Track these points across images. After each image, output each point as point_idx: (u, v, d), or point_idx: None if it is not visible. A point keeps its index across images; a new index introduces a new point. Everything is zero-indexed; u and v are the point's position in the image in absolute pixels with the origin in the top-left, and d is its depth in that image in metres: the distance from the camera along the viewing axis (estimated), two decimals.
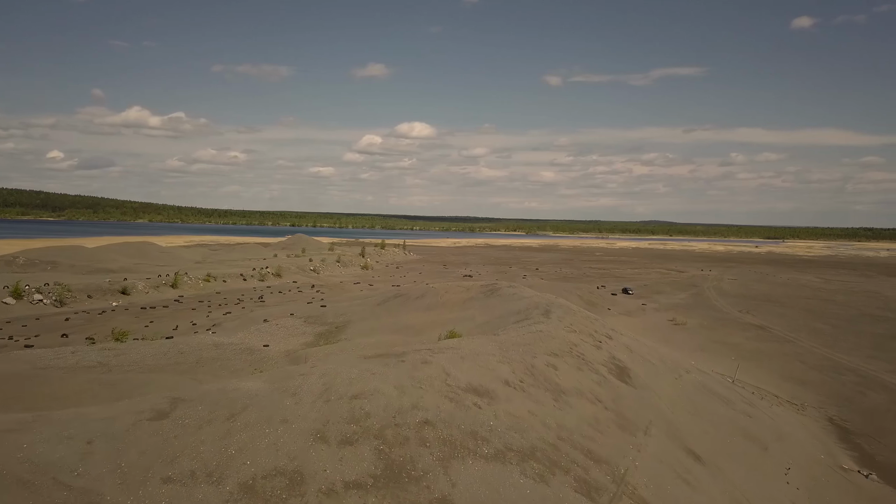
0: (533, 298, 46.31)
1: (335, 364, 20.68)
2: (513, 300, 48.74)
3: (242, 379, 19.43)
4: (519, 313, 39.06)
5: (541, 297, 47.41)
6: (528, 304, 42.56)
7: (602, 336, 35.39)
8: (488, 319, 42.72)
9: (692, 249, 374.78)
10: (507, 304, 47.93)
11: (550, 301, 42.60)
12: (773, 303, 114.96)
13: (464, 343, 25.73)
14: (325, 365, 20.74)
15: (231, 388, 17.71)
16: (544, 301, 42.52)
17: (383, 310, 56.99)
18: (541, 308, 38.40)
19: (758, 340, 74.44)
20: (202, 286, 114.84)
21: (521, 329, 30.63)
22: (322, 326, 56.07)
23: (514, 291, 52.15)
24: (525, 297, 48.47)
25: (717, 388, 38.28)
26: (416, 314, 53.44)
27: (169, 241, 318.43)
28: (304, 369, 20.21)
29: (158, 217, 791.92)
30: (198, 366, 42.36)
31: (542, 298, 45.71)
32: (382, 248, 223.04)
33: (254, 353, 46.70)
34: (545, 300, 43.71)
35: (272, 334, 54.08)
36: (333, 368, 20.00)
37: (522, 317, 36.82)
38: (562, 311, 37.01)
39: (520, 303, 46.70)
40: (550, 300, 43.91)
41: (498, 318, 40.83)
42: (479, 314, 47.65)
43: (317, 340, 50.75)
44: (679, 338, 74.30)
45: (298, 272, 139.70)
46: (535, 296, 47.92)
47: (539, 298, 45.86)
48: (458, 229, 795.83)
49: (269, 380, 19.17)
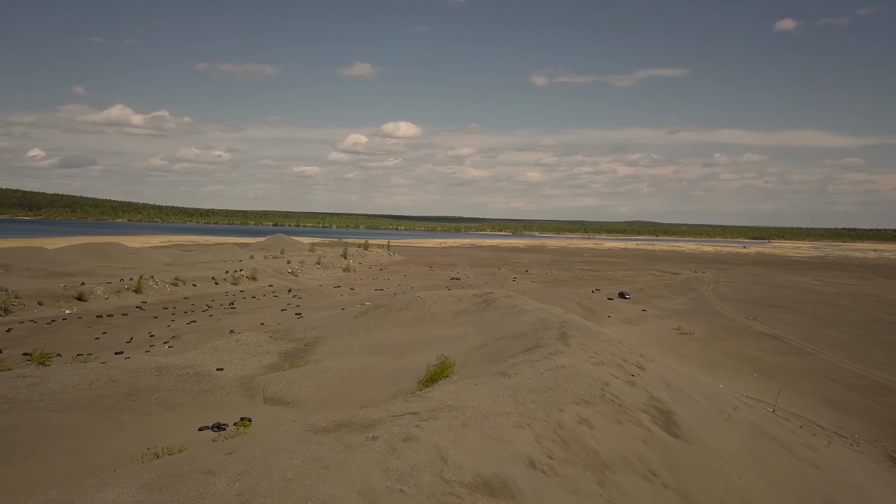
0: (538, 313, 38.90)
1: (267, 447, 13.09)
2: (513, 314, 41.28)
3: (109, 487, 11.62)
4: (526, 336, 31.62)
5: (547, 311, 40.05)
6: (535, 322, 35.12)
7: (632, 366, 28.07)
8: (486, 341, 35.19)
9: (681, 250, 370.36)
10: (506, 320, 40.45)
11: (563, 319, 35.22)
12: (778, 308, 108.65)
13: (464, 395, 18.23)
14: (252, 448, 13.08)
15: None
16: (555, 319, 35.13)
17: (361, 324, 49.29)
18: (553, 329, 31.01)
19: (776, 353, 67.67)
20: (169, 291, 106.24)
21: (535, 364, 23.25)
22: (290, 343, 48.22)
23: (512, 303, 44.73)
24: (527, 310, 41.04)
25: (771, 426, 30.93)
26: (399, 330, 45.81)
27: (145, 241, 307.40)
28: (214, 461, 12.52)
29: (138, 216, 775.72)
30: (127, 399, 34.36)
31: (550, 314, 38.35)
32: (366, 249, 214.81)
33: (203, 379, 38.73)
34: (555, 317, 36.34)
35: (231, 353, 46.09)
36: (262, 458, 12.42)
37: (532, 341, 29.42)
38: (581, 335, 29.69)
39: (522, 318, 39.23)
40: (561, 317, 36.58)
41: (499, 341, 33.33)
42: (474, 331, 40.12)
43: (281, 362, 42.92)
44: (690, 350, 67.38)
45: (275, 275, 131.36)
46: (539, 310, 40.54)
47: (546, 314, 38.48)
48: (444, 229, 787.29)
49: (153, 485, 11.51)
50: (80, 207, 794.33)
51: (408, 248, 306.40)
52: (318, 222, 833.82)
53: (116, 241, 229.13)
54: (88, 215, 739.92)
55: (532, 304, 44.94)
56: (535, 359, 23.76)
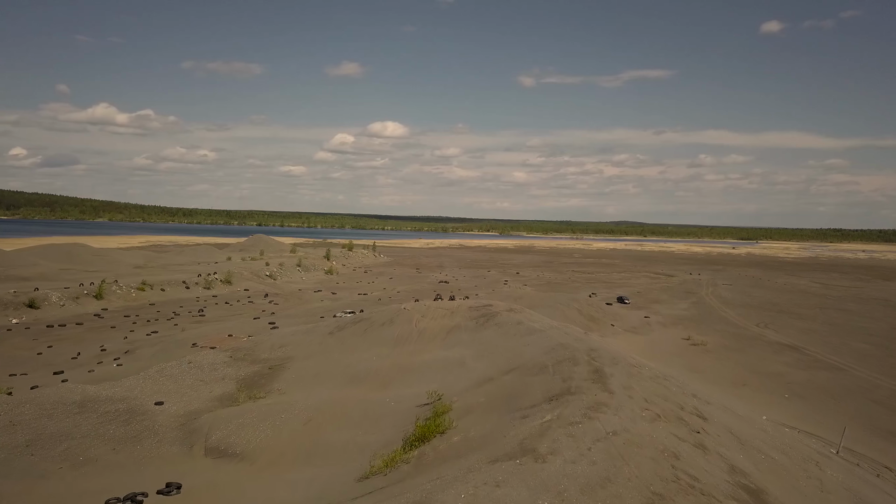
0: (551, 334, 31.70)
1: None
2: (519, 334, 34.00)
3: None
4: (545, 371, 24.41)
5: (562, 332, 32.88)
6: (553, 348, 27.91)
7: (693, 415, 20.98)
8: (490, 373, 27.88)
9: (670, 251, 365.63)
10: (512, 342, 33.15)
11: (588, 344, 28.08)
12: (786, 314, 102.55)
13: None
14: None
15: None
16: (577, 344, 27.97)
17: (337, 342, 41.83)
18: (582, 363, 23.87)
19: (801, 367, 61.06)
20: (134, 296, 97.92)
21: (577, 431, 16.10)
22: (252, 366, 40.63)
23: (516, 318, 37.49)
24: (536, 328, 33.82)
25: (866, 490, 23.77)
26: (381, 351, 38.43)
27: (122, 241, 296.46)
28: None
29: (119, 216, 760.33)
30: (23, 454, 26.81)
31: (567, 335, 31.21)
32: (350, 250, 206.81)
33: (133, 419, 31.12)
34: (575, 341, 29.19)
35: (179, 379, 38.37)
36: None
37: (558, 382, 22.26)
38: (621, 371, 22.65)
39: (533, 340, 31.93)
40: (584, 341, 29.46)
41: (509, 375, 26.07)
42: (472, 356, 32.80)
43: (237, 392, 35.33)
44: (706, 364, 60.59)
45: (252, 278, 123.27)
46: (550, 328, 33.39)
47: (561, 335, 31.32)
48: (431, 229, 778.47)
49: None
50: (59, 207, 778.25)
51: (394, 248, 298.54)
52: (303, 222, 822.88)
53: (87, 241, 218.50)
54: (68, 215, 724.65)
55: (539, 319, 37.85)
56: (573, 418, 16.70)
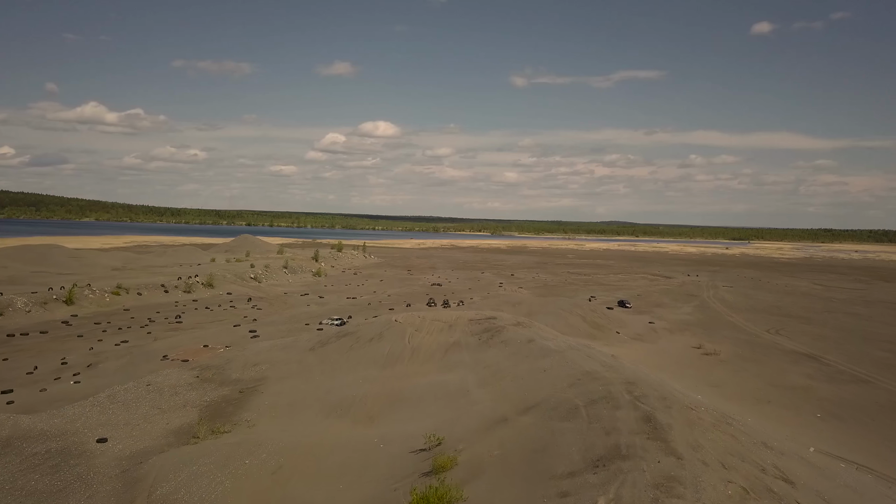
0: (571, 356, 26.68)
1: None
2: (532, 355, 28.93)
3: None
4: (577, 413, 19.41)
5: (582, 353, 27.90)
6: (578, 378, 22.92)
7: (778, 479, 16.09)
8: (503, 410, 22.77)
9: (664, 251, 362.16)
10: (522, 365, 28.07)
11: (623, 375, 23.13)
12: (794, 318, 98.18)
13: None
14: None
15: None
16: (609, 374, 23.01)
17: (318, 360, 36.59)
18: (626, 407, 18.92)
19: (825, 380, 56.38)
20: (108, 301, 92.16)
21: None
22: (220, 388, 35.31)
23: (526, 335, 32.47)
24: (551, 349, 28.81)
25: None
26: (369, 372, 33.26)
27: (106, 241, 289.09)
28: None
29: (106, 216, 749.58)
30: None
31: (590, 358, 26.25)
32: (339, 251, 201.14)
33: (65, 465, 25.67)
34: (604, 367, 24.24)
35: (133, 406, 33.05)
36: None
37: (600, 437, 17.29)
38: (680, 420, 17.80)
39: (548, 364, 26.85)
40: (614, 368, 24.53)
41: (527, 415, 20.99)
42: (476, 383, 27.70)
43: (198, 425, 30.01)
44: (722, 377, 55.79)
45: (235, 281, 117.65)
46: (569, 349, 28.43)
47: (583, 358, 26.34)
48: (422, 229, 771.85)
49: None
50: (45, 206, 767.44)
51: (385, 249, 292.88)
52: (293, 222, 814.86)
53: (68, 242, 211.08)
54: (54, 214, 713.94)
55: (552, 335, 32.90)
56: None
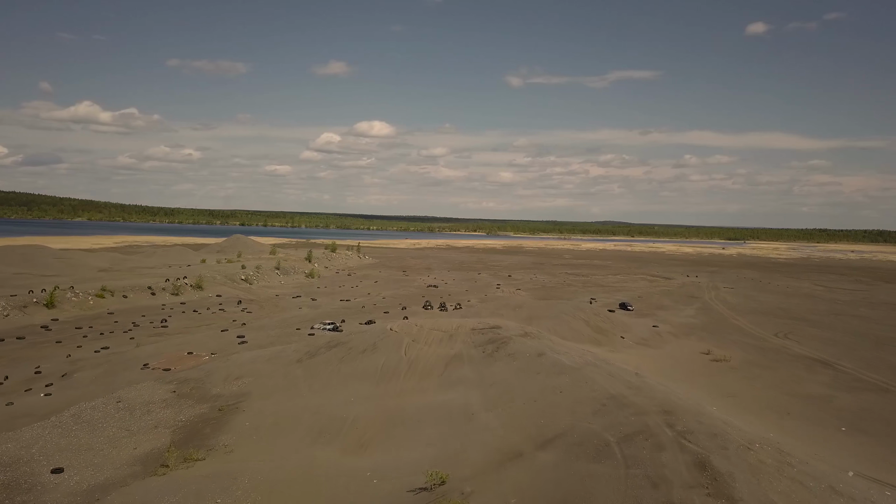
0: (592, 377, 23.66)
1: None
2: (544, 373, 25.85)
3: None
4: (608, 455, 16.42)
5: (608, 374, 24.88)
6: (605, 409, 19.92)
7: None
8: (515, 441, 19.70)
9: (661, 251, 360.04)
10: (532, 383, 25.01)
11: (655, 397, 20.16)
12: (801, 321, 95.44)
13: None
14: None
15: None
16: (643, 401, 20.07)
17: (307, 373, 33.39)
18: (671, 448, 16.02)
19: (844, 389, 53.53)
20: (91, 304, 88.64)
21: None
22: (198, 405, 32.10)
23: (536, 347, 29.41)
24: (566, 365, 25.74)
25: None
26: (362, 388, 30.11)
27: (96, 241, 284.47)
28: None
29: (99, 215, 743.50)
30: None
31: (618, 382, 23.27)
32: (333, 252, 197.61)
33: None
34: (637, 392, 21.27)
35: (99, 427, 29.89)
36: None
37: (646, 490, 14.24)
38: (740, 465, 14.89)
39: (566, 385, 23.80)
40: (644, 389, 21.59)
41: (544, 449, 17.97)
42: (482, 404, 24.62)
43: (168, 452, 26.83)
44: (738, 388, 52.84)
45: (225, 283, 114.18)
46: (585, 365, 25.42)
47: (610, 380, 23.34)
48: (417, 229, 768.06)
49: None
50: (37, 206, 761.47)
51: (380, 249, 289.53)
52: (287, 222, 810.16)
53: (57, 242, 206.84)
54: (46, 214, 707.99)
55: (565, 348, 29.87)
56: None
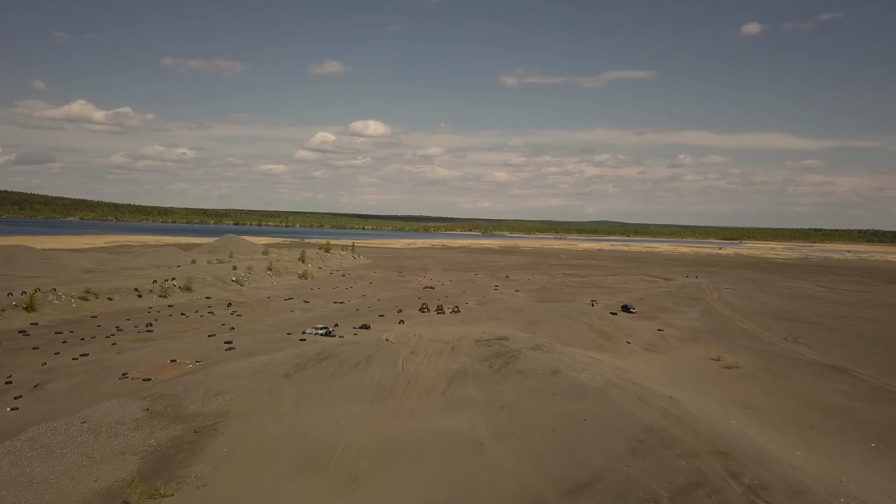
0: (618, 399, 20.75)
1: None
2: (563, 397, 22.86)
3: None
4: None
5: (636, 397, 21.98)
6: (643, 445, 17.01)
7: None
8: (537, 487, 16.79)
9: (658, 251, 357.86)
10: (552, 409, 22.02)
11: (706, 435, 17.22)
12: (807, 324, 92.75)
13: None
14: None
15: None
16: (691, 436, 17.17)
17: (294, 389, 30.24)
18: None
19: (865, 399, 50.75)
20: (74, 307, 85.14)
21: None
22: (173, 426, 28.90)
23: (550, 363, 26.36)
24: (589, 387, 22.77)
25: None
26: (354, 409, 27.01)
27: (87, 241, 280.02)
28: None
29: (91, 215, 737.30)
30: None
31: (652, 409, 20.40)
32: (327, 252, 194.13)
33: None
34: (677, 423, 18.40)
35: (57, 454, 26.66)
36: None
37: None
38: None
39: (590, 412, 20.83)
40: (685, 419, 18.67)
41: (572, 496, 14.90)
42: (491, 432, 21.59)
43: (132, 486, 23.58)
44: (755, 398, 49.87)
45: (215, 284, 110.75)
46: (608, 385, 22.48)
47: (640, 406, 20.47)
48: (412, 229, 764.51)
49: None
50: (28, 205, 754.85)
51: (375, 249, 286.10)
52: (282, 221, 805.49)
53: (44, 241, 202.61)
54: (38, 213, 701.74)
55: (583, 364, 26.87)
56: None
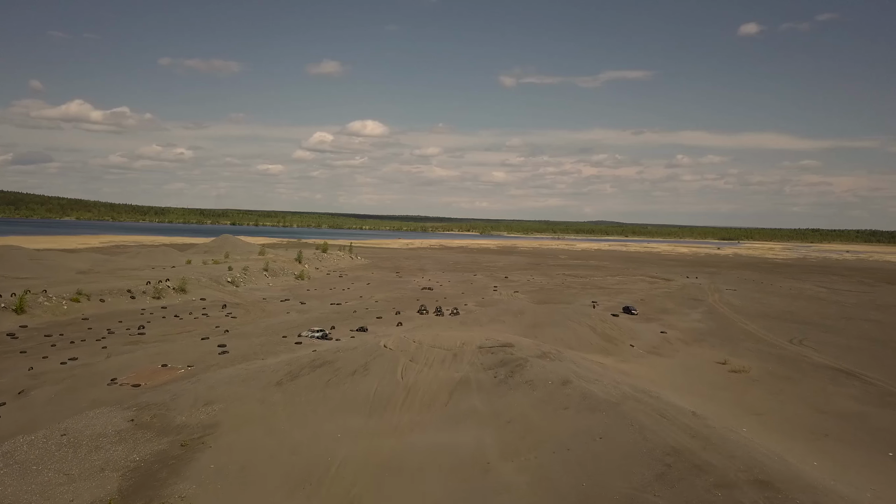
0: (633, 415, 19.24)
1: None
2: (574, 410, 21.33)
3: None
4: None
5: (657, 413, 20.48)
6: (671, 472, 15.48)
7: None
8: None
9: (656, 251, 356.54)
10: (563, 425, 20.47)
11: (739, 458, 15.85)
12: (811, 325, 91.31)
13: None
14: None
15: None
16: (721, 461, 15.69)
17: (286, 399, 28.61)
18: None
19: (878, 404, 49.48)
20: (65, 309, 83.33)
21: None
22: (158, 439, 27.19)
23: (559, 373, 24.83)
24: (602, 400, 21.27)
25: None
26: (350, 423, 25.38)
27: (82, 241, 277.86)
28: None
29: (88, 215, 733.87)
30: None
31: (675, 427, 18.98)
32: (324, 252, 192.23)
33: None
34: (705, 445, 16.97)
35: (33, 472, 25.05)
36: None
37: None
38: None
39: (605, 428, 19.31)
40: (713, 440, 17.20)
41: None
42: (498, 451, 20.03)
43: None
44: (764, 403, 48.39)
45: (210, 285, 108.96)
46: (623, 399, 21.05)
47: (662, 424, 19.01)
48: (410, 229, 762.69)
49: None
50: (25, 205, 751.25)
51: (372, 249, 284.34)
52: (279, 221, 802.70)
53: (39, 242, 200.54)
54: (34, 213, 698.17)
55: (594, 374, 25.35)
56: None
